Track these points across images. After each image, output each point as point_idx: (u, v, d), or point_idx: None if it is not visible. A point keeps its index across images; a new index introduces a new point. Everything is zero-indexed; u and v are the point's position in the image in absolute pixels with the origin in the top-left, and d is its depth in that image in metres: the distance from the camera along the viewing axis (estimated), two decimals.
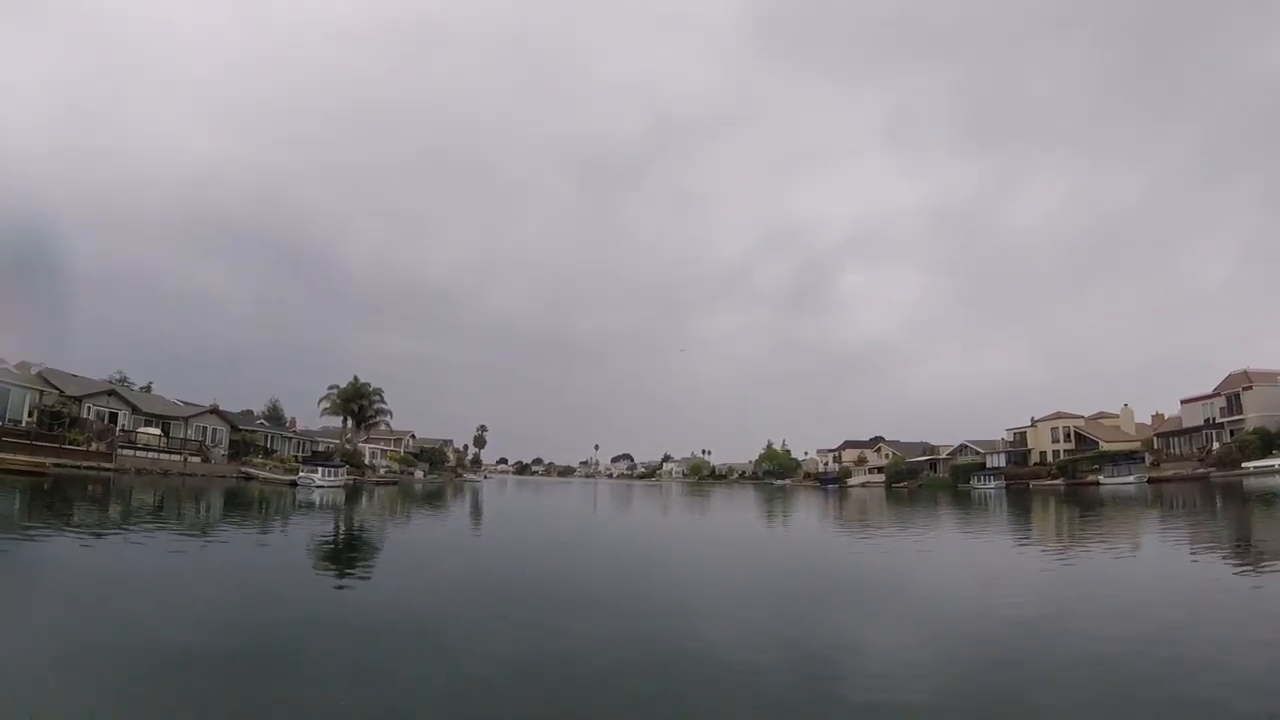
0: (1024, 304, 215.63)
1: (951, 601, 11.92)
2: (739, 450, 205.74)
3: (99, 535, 16.40)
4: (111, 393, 52.02)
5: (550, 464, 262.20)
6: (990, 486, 74.88)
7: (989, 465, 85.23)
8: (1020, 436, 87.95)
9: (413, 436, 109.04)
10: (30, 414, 41.85)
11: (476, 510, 40.23)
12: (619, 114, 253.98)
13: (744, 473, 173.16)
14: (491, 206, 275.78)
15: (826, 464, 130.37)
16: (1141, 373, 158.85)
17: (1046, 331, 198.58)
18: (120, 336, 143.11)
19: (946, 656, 8.02)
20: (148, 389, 67.14)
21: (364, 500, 42.35)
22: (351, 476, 60.85)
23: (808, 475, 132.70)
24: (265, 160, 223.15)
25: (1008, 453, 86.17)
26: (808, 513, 43.80)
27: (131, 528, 18.62)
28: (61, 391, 44.81)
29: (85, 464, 39.62)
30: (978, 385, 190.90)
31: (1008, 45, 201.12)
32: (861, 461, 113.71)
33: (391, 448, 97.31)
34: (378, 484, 63.85)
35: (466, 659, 7.60)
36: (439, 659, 7.64)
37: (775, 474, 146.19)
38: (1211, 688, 6.40)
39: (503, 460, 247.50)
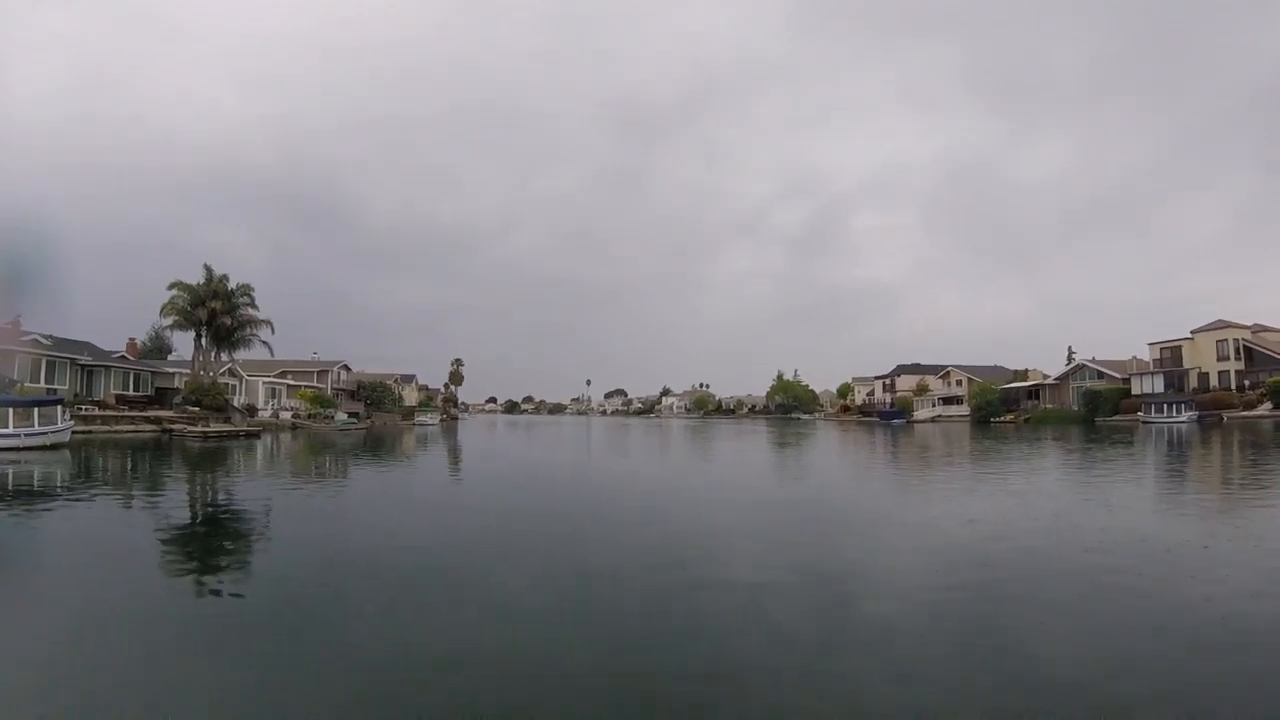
0: (1023, 253, 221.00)
1: None
2: (743, 384, 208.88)
3: None
4: None
5: (540, 401, 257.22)
6: (1181, 419, 50.98)
7: (1141, 391, 61.64)
8: (1173, 352, 63.96)
9: (346, 369, 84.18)
10: None
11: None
12: (661, 68, 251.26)
13: (754, 407, 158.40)
14: (520, 158, 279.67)
15: (872, 393, 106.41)
16: (1129, 320, 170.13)
17: (1044, 279, 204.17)
18: (127, 297, 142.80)
19: None
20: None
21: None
22: (74, 426, 31.99)
23: (846, 408, 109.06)
24: (292, 120, 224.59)
25: (1166, 374, 62.15)
26: (930, 476, 20.70)
27: None
28: None
29: None
30: (976, 327, 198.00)
31: (1018, 20, 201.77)
32: (923, 390, 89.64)
33: (312, 383, 72.83)
34: (208, 436, 37.59)
35: None
36: None
37: (791, 407, 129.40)
38: None
39: (492, 399, 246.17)
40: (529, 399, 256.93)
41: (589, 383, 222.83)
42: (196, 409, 44.18)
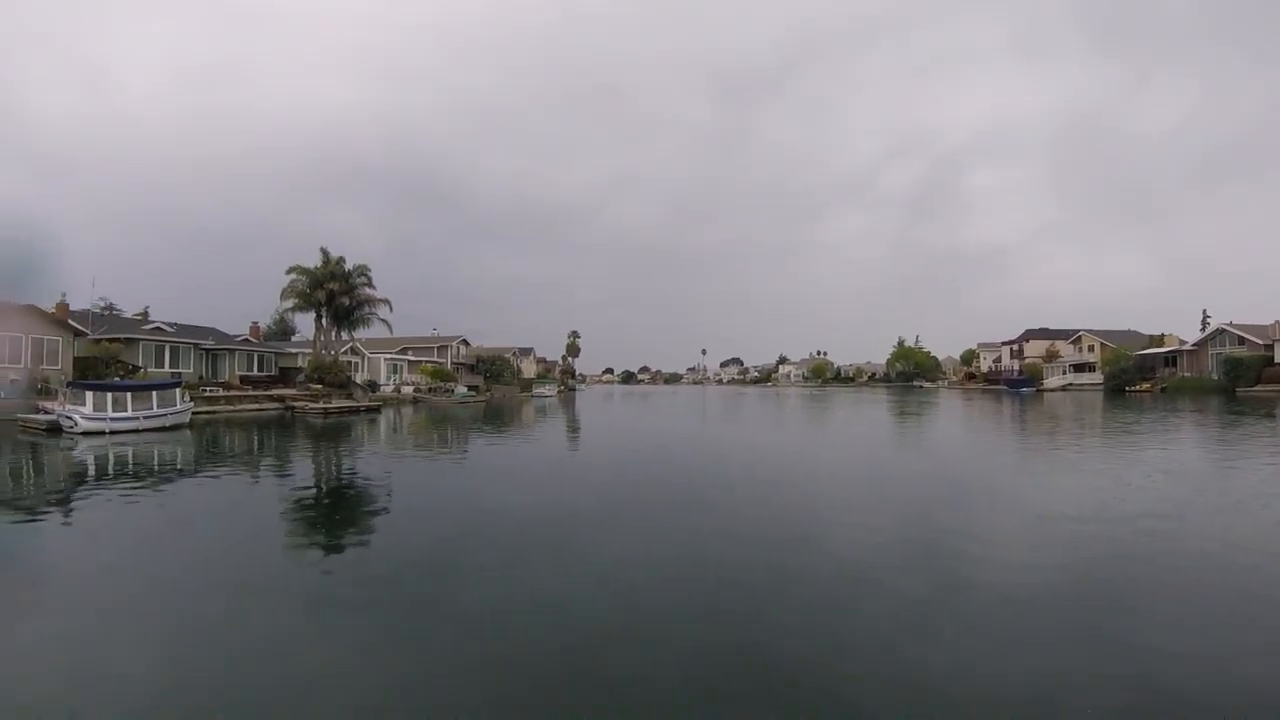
0: (1148, 209, 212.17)
1: None
2: (861, 352, 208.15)
3: None
4: None
5: (656, 372, 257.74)
6: None
7: None
8: None
9: (465, 343, 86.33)
10: None
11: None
12: (761, 28, 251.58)
13: (874, 374, 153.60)
14: (625, 129, 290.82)
15: (998, 360, 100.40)
16: (1264, 280, 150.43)
17: (1171, 237, 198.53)
18: (254, 283, 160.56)
19: None
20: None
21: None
22: (196, 407, 33.49)
23: (971, 376, 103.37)
24: (400, 105, 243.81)
25: None
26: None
27: None
28: None
29: None
30: (1101, 288, 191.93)
31: None
32: (1052, 357, 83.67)
33: (432, 358, 74.98)
34: (329, 412, 39.02)
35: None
36: None
37: (913, 374, 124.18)
38: None
39: (608, 370, 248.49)
40: (645, 369, 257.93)
41: (704, 352, 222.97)
42: (319, 386, 46.15)
